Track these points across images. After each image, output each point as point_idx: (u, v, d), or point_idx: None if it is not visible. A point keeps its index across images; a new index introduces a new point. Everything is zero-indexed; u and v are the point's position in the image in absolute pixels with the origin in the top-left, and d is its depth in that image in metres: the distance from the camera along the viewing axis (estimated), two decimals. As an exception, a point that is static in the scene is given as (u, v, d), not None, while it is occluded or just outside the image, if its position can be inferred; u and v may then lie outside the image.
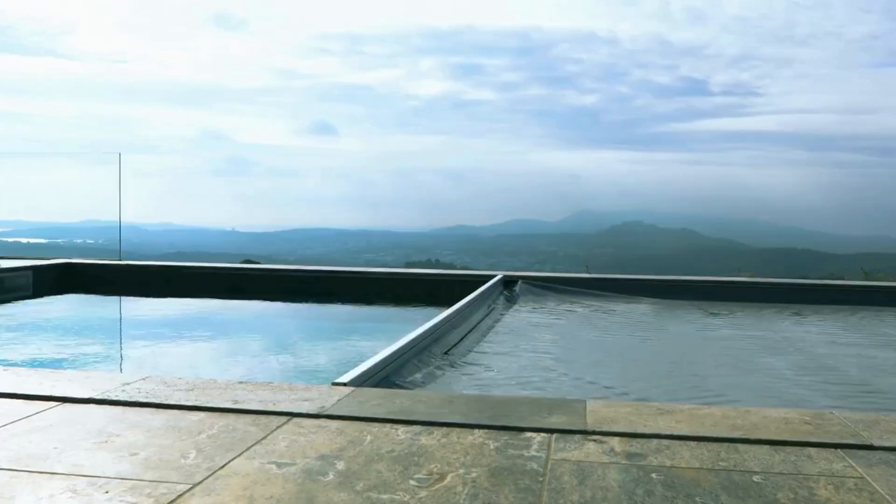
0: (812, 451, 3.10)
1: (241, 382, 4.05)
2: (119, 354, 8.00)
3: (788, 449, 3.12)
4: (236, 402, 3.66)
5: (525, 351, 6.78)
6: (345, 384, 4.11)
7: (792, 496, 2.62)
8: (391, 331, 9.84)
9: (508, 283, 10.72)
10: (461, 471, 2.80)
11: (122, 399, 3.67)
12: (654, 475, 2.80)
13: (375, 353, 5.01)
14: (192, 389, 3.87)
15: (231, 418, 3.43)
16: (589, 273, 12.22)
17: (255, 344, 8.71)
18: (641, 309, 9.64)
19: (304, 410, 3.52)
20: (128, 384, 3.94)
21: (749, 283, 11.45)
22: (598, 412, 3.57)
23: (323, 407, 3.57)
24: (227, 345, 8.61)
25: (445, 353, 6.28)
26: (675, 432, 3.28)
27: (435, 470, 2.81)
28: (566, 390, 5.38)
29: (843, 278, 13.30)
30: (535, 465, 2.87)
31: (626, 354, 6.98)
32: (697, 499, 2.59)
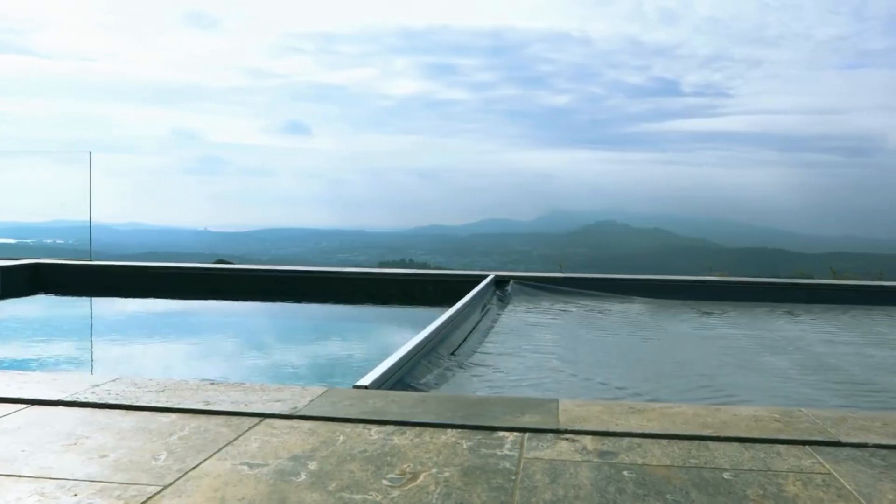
0: (781, 447, 3.14)
1: (212, 383, 4.02)
2: (89, 356, 7.92)
3: (758, 446, 3.16)
4: (208, 403, 3.63)
5: (528, 351, 6.75)
6: (366, 387, 4.11)
7: (761, 492, 2.65)
8: (366, 331, 9.82)
9: (500, 283, 10.70)
10: (434, 470, 2.80)
11: (91, 401, 3.63)
12: (625, 473, 2.82)
13: (391, 355, 4.97)
14: (162, 391, 3.84)
15: (202, 419, 3.40)
16: (562, 272, 12.26)
17: (228, 345, 8.66)
18: (636, 308, 9.67)
19: (276, 411, 3.50)
20: (97, 386, 3.90)
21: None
22: (570, 411, 3.59)
23: (295, 408, 3.55)
24: (200, 346, 8.55)
25: (452, 353, 6.26)
26: (647, 430, 3.31)
27: (408, 470, 2.81)
28: (578, 391, 5.33)
29: (812, 277, 13.46)
30: (507, 464, 2.88)
31: (631, 354, 6.95)
32: (668, 496, 2.61)
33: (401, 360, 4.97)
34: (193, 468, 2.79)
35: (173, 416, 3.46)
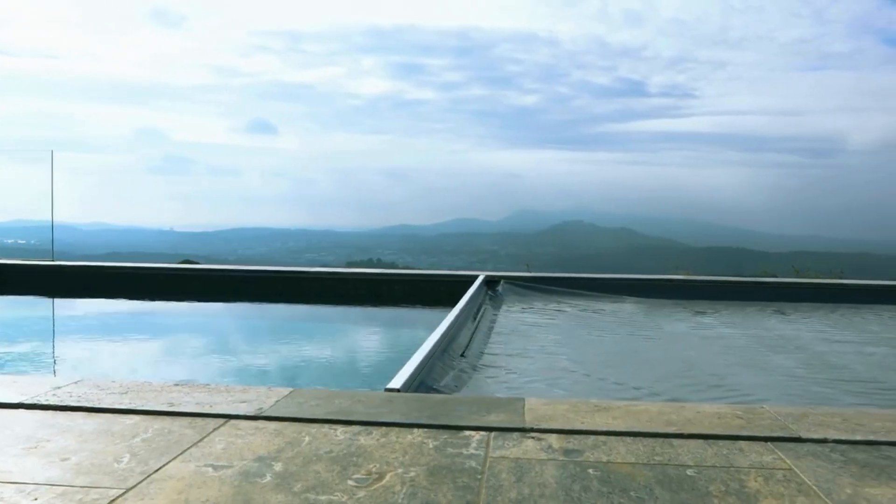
0: (743, 444, 3.18)
1: (176, 384, 3.98)
2: (51, 358, 7.80)
3: (721, 443, 3.20)
4: (172, 404, 3.60)
5: (535, 352, 6.71)
6: (398, 390, 4.09)
7: (723, 489, 2.68)
8: (329, 332, 9.79)
9: (490, 283, 10.67)
10: (400, 470, 2.80)
11: (52, 403, 3.58)
12: (590, 471, 2.84)
13: (414, 356, 4.93)
14: (126, 392, 3.79)
15: (167, 421, 3.37)
16: (527, 270, 12.29)
17: (194, 346, 8.58)
18: (628, 308, 9.67)
19: (241, 412, 3.48)
20: (59, 388, 3.84)
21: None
22: (536, 410, 3.61)
23: (261, 408, 3.53)
24: (165, 347, 8.47)
25: (461, 355, 6.21)
26: (612, 428, 3.33)
27: (374, 470, 2.80)
28: (595, 392, 5.28)
29: (776, 276, 13.65)
30: (473, 464, 2.89)
31: (637, 354, 6.91)
32: (632, 493, 2.63)
33: (423, 361, 4.91)
34: (157, 470, 2.76)
35: (136, 417, 3.42)
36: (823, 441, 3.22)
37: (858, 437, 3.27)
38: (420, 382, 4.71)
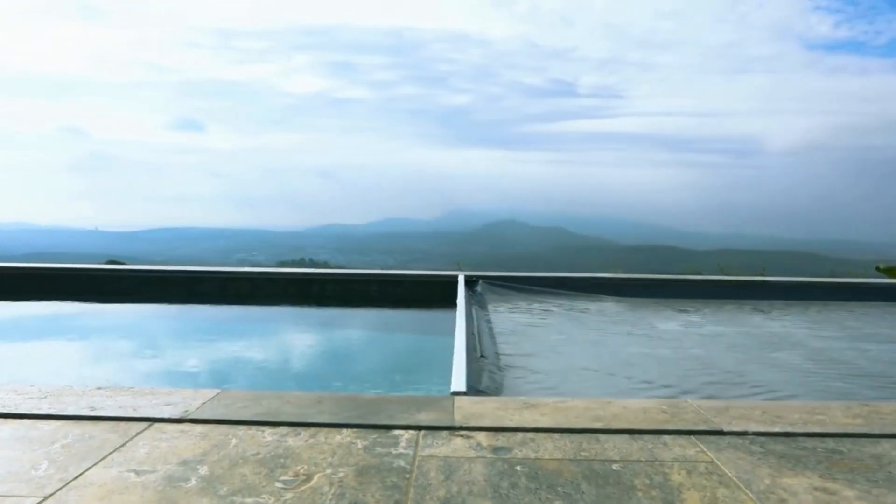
0: (668, 438, 3.25)
1: (99, 388, 3.88)
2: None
3: (646, 437, 3.26)
4: (94, 408, 3.50)
5: (546, 352, 6.64)
6: (464, 393, 4.06)
7: (647, 482, 2.74)
8: (259, 332, 9.66)
9: (469, 282, 10.58)
10: (328, 471, 2.78)
11: (-34, 409, 3.45)
12: (518, 468, 2.86)
13: (456, 358, 4.89)
14: (45, 397, 3.68)
15: (88, 426, 3.28)
16: (458, 269, 12.32)
17: (118, 348, 8.37)
18: (612, 307, 9.63)
19: (166, 415, 3.41)
20: (-27, 393, 3.71)
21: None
22: (465, 408, 3.62)
23: (186, 411, 3.47)
24: (89, 350, 8.24)
25: (481, 356, 6.12)
26: (540, 425, 3.36)
27: (301, 471, 2.78)
28: (629, 391, 5.25)
29: (699, 273, 13.97)
30: (402, 463, 2.88)
31: (648, 353, 6.86)
32: (560, 489, 2.67)
33: (468, 363, 4.88)
34: (76, 477, 2.69)
35: (56, 423, 3.32)
36: (744, 434, 3.32)
37: (777, 430, 3.37)
38: (468, 385, 4.66)
